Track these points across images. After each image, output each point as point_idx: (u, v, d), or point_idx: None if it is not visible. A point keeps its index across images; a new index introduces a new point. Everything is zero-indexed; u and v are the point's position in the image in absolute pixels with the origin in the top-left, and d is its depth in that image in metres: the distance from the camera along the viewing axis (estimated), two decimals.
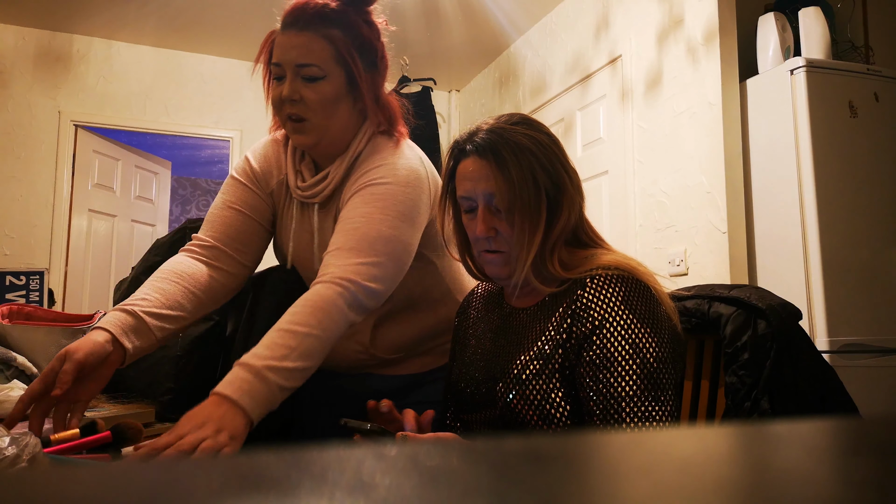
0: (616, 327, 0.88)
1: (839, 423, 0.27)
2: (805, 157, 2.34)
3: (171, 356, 1.28)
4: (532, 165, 0.94)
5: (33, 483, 0.20)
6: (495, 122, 0.99)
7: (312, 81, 1.11)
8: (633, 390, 0.85)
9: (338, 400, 1.26)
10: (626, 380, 0.86)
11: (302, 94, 1.11)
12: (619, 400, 0.85)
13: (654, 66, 2.93)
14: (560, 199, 0.96)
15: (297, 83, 1.11)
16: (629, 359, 0.86)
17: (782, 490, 0.18)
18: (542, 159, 0.95)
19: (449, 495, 0.17)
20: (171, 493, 0.18)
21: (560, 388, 0.91)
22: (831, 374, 1.00)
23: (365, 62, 1.15)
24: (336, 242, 1.08)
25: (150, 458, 0.84)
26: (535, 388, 0.92)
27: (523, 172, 0.94)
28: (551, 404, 0.91)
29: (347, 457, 0.21)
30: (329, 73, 1.12)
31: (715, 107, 2.58)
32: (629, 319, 0.88)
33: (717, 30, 2.59)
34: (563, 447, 0.23)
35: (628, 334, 0.88)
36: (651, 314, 0.90)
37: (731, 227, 2.50)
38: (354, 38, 1.14)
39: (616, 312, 0.89)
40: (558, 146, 0.99)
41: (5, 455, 0.69)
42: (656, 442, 0.26)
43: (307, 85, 1.11)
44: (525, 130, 0.97)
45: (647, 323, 0.89)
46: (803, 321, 2.08)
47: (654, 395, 0.85)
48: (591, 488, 0.18)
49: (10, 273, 1.76)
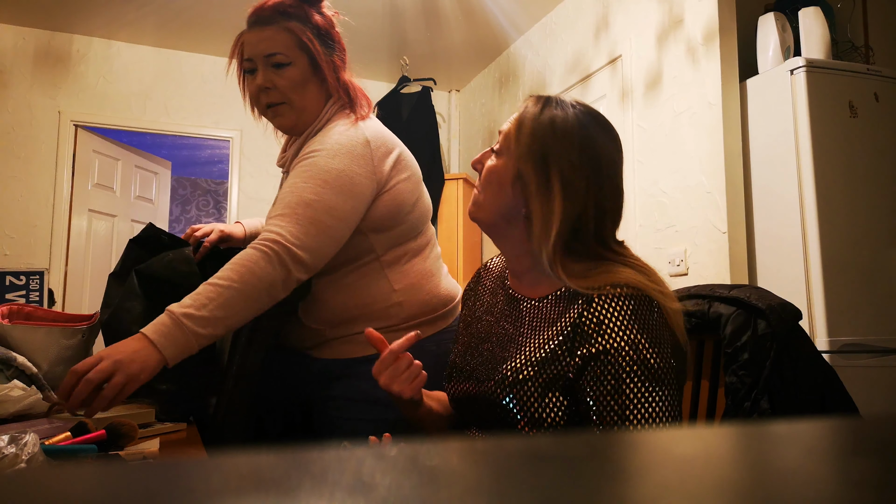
0: (624, 346, 0.86)
1: (839, 423, 0.27)
2: (805, 157, 2.34)
3: None
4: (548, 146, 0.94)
5: (32, 483, 0.20)
6: (578, 104, 0.99)
7: (280, 68, 1.28)
8: (639, 391, 0.84)
9: (286, 375, 1.40)
10: (634, 386, 0.85)
11: (274, 81, 1.28)
12: (626, 402, 0.84)
13: (653, 66, 2.93)
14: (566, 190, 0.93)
15: (269, 72, 1.28)
16: (634, 372, 0.85)
17: (782, 490, 0.18)
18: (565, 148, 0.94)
19: (449, 495, 0.17)
20: (171, 493, 0.18)
21: (555, 398, 0.90)
22: (831, 374, 1.00)
23: (324, 46, 1.31)
24: (269, 213, 1.22)
25: (70, 379, 0.97)
26: (529, 395, 0.91)
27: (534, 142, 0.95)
28: (544, 412, 0.90)
29: (347, 457, 0.21)
30: (294, 60, 1.28)
31: (715, 107, 2.58)
32: (637, 339, 0.86)
33: (717, 30, 2.59)
34: (563, 447, 0.23)
35: (636, 352, 0.86)
36: (656, 331, 0.88)
37: (731, 227, 2.50)
38: (311, 28, 1.30)
39: (624, 332, 0.87)
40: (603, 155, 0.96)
41: (4, 455, 0.69)
42: (656, 442, 0.26)
43: (276, 72, 1.28)
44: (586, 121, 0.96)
45: (653, 340, 0.87)
46: (803, 321, 2.08)
47: (659, 395, 0.85)
48: (591, 488, 0.18)
49: (10, 273, 1.76)
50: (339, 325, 1.32)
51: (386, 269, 1.31)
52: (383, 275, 1.31)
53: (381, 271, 1.31)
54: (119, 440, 0.93)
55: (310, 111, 1.31)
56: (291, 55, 1.27)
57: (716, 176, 2.56)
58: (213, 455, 0.21)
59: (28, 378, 1.23)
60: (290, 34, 1.27)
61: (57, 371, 1.35)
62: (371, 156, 1.25)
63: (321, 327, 1.33)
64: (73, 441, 0.90)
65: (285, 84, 1.28)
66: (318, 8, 1.32)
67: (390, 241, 1.31)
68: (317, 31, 1.30)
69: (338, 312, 1.32)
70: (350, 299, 1.31)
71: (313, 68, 1.29)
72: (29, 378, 1.24)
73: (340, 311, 1.31)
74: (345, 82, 1.33)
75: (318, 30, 1.30)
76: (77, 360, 1.44)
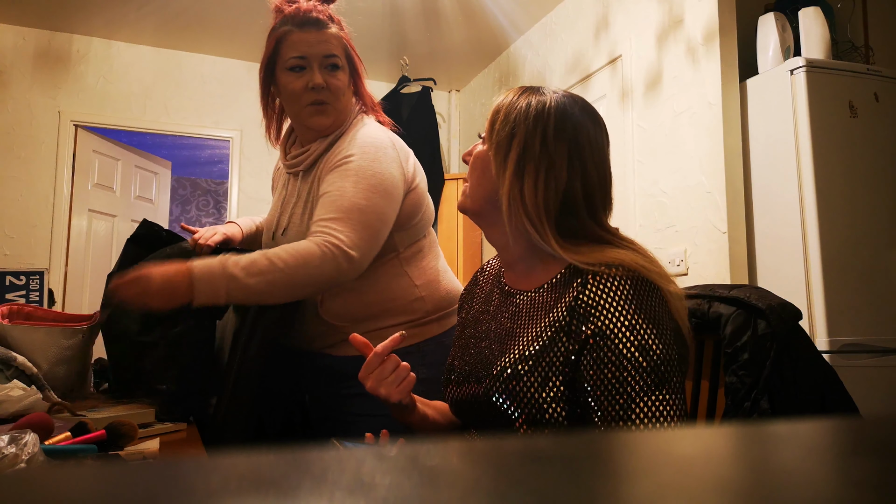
0: (622, 328, 0.84)
1: (839, 423, 0.27)
2: (805, 157, 2.34)
3: (160, 356, 1.28)
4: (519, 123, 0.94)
5: (32, 483, 0.20)
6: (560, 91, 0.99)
7: (335, 69, 1.35)
8: (642, 389, 0.82)
9: (300, 377, 1.44)
10: (637, 379, 0.83)
11: (328, 82, 1.34)
12: (629, 400, 0.83)
13: (653, 66, 2.93)
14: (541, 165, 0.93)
15: (325, 73, 1.34)
16: (636, 360, 0.83)
17: (782, 490, 0.18)
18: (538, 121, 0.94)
19: (449, 495, 0.17)
20: (171, 493, 0.18)
21: (556, 389, 0.88)
22: (831, 374, 1.00)
23: (357, 57, 1.41)
24: (319, 214, 1.25)
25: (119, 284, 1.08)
26: (527, 388, 0.89)
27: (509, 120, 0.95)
28: (541, 405, 0.88)
29: (347, 457, 0.21)
30: (343, 65, 1.37)
31: (715, 107, 2.58)
32: (635, 320, 0.85)
33: (717, 30, 2.59)
34: (563, 447, 0.23)
35: (635, 336, 0.84)
36: (656, 315, 0.86)
37: (731, 227, 2.50)
38: (347, 37, 1.39)
39: (622, 314, 0.85)
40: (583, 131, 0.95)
41: (4, 455, 0.69)
42: (656, 442, 0.26)
43: (331, 73, 1.35)
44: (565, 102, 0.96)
45: (653, 323, 0.85)
46: (803, 321, 2.08)
47: (663, 395, 0.83)
48: (592, 488, 0.18)
49: (10, 273, 1.76)
50: (362, 322, 1.34)
51: (405, 266, 1.36)
52: (403, 271, 1.36)
53: (401, 268, 1.36)
54: (119, 440, 0.93)
55: (344, 114, 1.39)
56: (342, 60, 1.37)
57: (716, 176, 2.56)
58: (213, 455, 0.21)
59: (28, 378, 1.23)
60: (341, 41, 1.37)
61: (57, 371, 1.35)
62: (398, 157, 1.33)
63: (344, 324, 1.35)
64: (73, 441, 0.90)
65: (338, 86, 1.35)
66: (340, 20, 1.41)
67: (408, 238, 1.37)
68: (349, 41, 1.40)
69: (362, 309, 1.35)
70: (374, 295, 1.34)
71: (352, 75, 1.39)
72: (29, 378, 1.24)
73: (364, 307, 1.35)
74: (365, 90, 1.44)
75: (349, 40, 1.40)
76: (77, 360, 1.44)
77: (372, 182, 1.26)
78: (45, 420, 0.94)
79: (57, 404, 1.17)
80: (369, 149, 1.30)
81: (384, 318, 1.34)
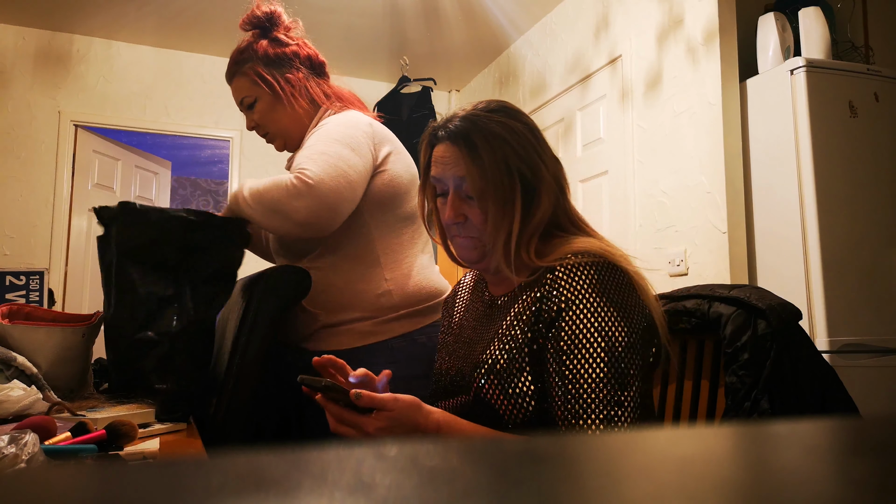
0: (583, 310, 0.86)
1: (839, 423, 0.27)
2: (805, 157, 2.34)
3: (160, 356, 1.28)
4: (505, 153, 0.93)
5: (32, 483, 0.20)
6: (472, 108, 0.99)
7: (252, 108, 1.49)
8: (598, 374, 0.83)
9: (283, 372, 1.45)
10: (592, 364, 0.84)
11: (253, 120, 1.51)
12: (584, 383, 0.83)
13: (654, 66, 2.93)
14: (537, 187, 0.95)
15: (247, 114, 1.52)
16: (595, 343, 0.85)
17: (782, 490, 0.18)
18: (517, 147, 0.94)
19: (449, 495, 0.17)
20: (171, 493, 0.18)
21: (528, 371, 0.90)
22: (831, 374, 1.00)
23: (277, 70, 1.46)
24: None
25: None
26: (505, 374, 0.91)
27: (496, 159, 0.93)
28: (518, 388, 0.90)
29: (347, 457, 0.21)
30: (257, 95, 1.47)
31: (715, 107, 2.58)
32: (597, 302, 0.86)
33: (717, 30, 2.59)
34: (563, 447, 0.23)
35: (595, 318, 0.86)
36: (621, 298, 0.88)
37: (731, 227, 2.50)
38: (260, 60, 1.47)
39: (584, 295, 0.87)
40: (535, 134, 0.98)
41: (4, 455, 0.69)
42: (656, 442, 0.26)
43: (249, 112, 1.51)
44: (500, 118, 0.96)
45: (616, 307, 0.87)
46: (803, 321, 2.08)
47: (620, 381, 0.83)
48: (591, 488, 0.18)
49: (10, 273, 1.76)
50: (332, 311, 1.37)
51: (381, 256, 1.38)
52: (378, 261, 1.38)
53: (375, 255, 1.38)
54: (119, 440, 0.93)
55: (294, 128, 1.48)
56: (253, 93, 1.48)
57: (716, 176, 2.56)
58: (213, 455, 0.21)
59: (28, 378, 1.23)
60: (245, 76, 1.48)
61: (57, 371, 1.35)
62: (371, 133, 1.39)
63: (317, 311, 1.38)
64: (73, 441, 0.90)
65: (259, 118, 1.49)
66: (269, 36, 1.49)
67: (386, 228, 1.38)
68: (266, 61, 1.47)
69: (333, 295, 1.37)
70: (346, 283, 1.37)
71: (274, 95, 1.46)
72: (29, 378, 1.24)
73: (336, 294, 1.37)
74: (329, 91, 1.50)
75: (268, 58, 1.47)
76: (77, 360, 1.44)
77: (334, 136, 1.33)
78: (46, 422, 0.94)
79: (57, 404, 1.17)
80: (341, 118, 1.40)
81: (351, 310, 1.36)
